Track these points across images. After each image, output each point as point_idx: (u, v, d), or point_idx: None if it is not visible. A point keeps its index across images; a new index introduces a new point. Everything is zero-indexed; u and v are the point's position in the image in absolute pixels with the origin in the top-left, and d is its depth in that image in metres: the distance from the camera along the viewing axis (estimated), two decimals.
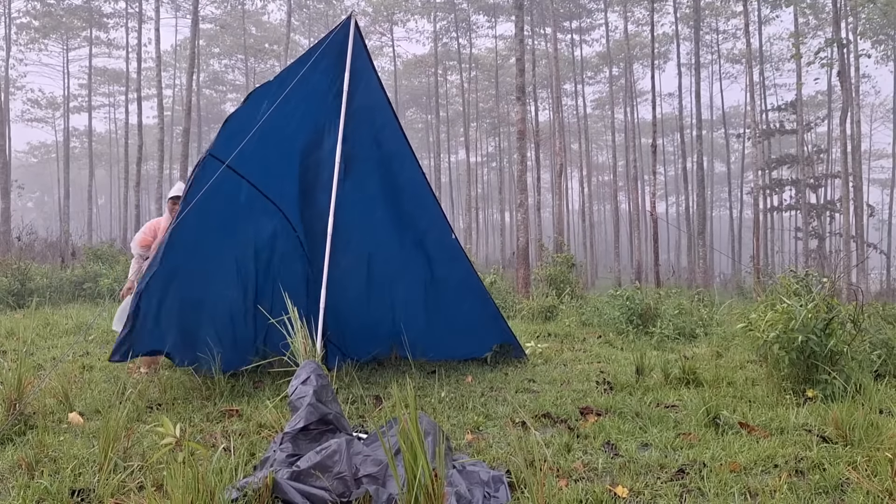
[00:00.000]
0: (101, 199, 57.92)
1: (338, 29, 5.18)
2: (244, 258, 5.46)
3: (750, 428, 4.07)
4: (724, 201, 50.23)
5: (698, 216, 26.27)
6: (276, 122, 4.96)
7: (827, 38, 23.13)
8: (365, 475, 2.97)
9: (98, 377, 5.51)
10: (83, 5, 35.46)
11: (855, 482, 3.11)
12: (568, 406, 4.75)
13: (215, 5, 38.98)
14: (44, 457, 3.46)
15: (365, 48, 5.33)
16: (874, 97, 43.78)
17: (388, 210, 5.87)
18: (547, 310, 10.74)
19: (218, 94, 52.41)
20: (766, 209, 31.78)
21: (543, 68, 39.33)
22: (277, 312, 4.43)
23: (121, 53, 38.49)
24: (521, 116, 14.88)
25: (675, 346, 7.92)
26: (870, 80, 38.53)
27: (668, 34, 35.73)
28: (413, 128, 56.94)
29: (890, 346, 5.58)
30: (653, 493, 3.11)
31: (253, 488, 2.75)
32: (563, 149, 28.77)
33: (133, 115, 37.83)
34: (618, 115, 42.73)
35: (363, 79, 5.33)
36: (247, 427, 4.14)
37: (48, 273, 13.39)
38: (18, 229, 20.64)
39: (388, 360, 6.52)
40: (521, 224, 14.68)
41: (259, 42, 42.64)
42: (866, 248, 24.47)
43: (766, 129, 30.35)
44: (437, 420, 4.29)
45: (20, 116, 48.06)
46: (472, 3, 38.74)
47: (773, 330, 5.04)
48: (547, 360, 6.78)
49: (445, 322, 6.25)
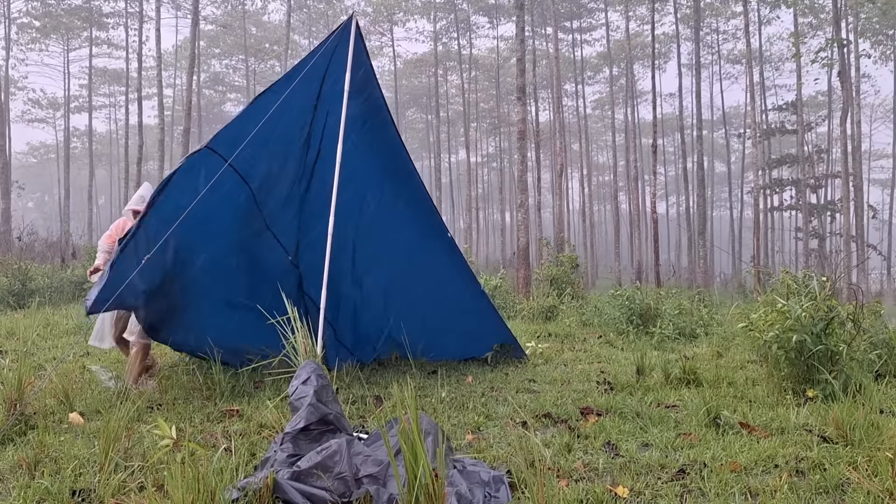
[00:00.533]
0: (101, 199, 57.89)
1: (338, 31, 5.10)
2: (224, 249, 5.33)
3: (750, 428, 4.07)
4: (725, 201, 50.25)
5: (699, 216, 26.28)
6: (276, 127, 4.92)
7: (827, 37, 23.14)
8: (365, 475, 2.97)
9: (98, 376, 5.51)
10: (83, 5, 35.47)
11: (855, 482, 3.11)
12: (568, 406, 4.75)
13: (215, 6, 38.99)
14: (44, 457, 3.46)
15: (365, 50, 5.26)
16: (874, 97, 43.82)
17: (386, 215, 5.88)
18: (547, 310, 10.74)
19: (218, 95, 52.42)
20: (767, 209, 31.78)
21: (544, 68, 39.32)
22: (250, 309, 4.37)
23: (121, 53, 38.51)
24: (522, 116, 14.89)
25: (676, 346, 7.92)
26: (870, 80, 38.56)
27: (669, 34, 35.73)
28: (413, 128, 56.96)
29: (890, 346, 5.58)
30: (653, 493, 3.11)
31: (253, 488, 2.76)
32: (563, 149, 28.77)
33: (133, 115, 37.91)
34: (618, 115, 42.73)
35: (364, 90, 5.28)
36: (247, 427, 4.14)
37: (49, 273, 13.39)
38: (19, 229, 20.65)
39: (388, 361, 6.52)
40: (521, 224, 14.68)
41: (259, 42, 42.65)
42: (866, 248, 24.47)
43: (767, 130, 30.36)
44: (438, 420, 4.29)
45: (21, 117, 48.10)
46: (473, 3, 38.74)
47: (772, 330, 5.05)
48: (547, 361, 6.78)
49: (445, 323, 6.26)
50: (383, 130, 5.59)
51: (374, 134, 5.59)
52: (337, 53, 5.12)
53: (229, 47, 43.57)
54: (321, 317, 4.71)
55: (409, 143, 59.60)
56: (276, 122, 4.88)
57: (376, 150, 5.67)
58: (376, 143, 5.64)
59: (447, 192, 46.32)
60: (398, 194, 5.82)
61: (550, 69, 33.66)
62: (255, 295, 5.26)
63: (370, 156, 5.64)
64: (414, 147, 61.00)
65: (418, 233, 5.94)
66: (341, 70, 5.08)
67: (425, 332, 6.21)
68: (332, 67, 5.18)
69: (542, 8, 34.41)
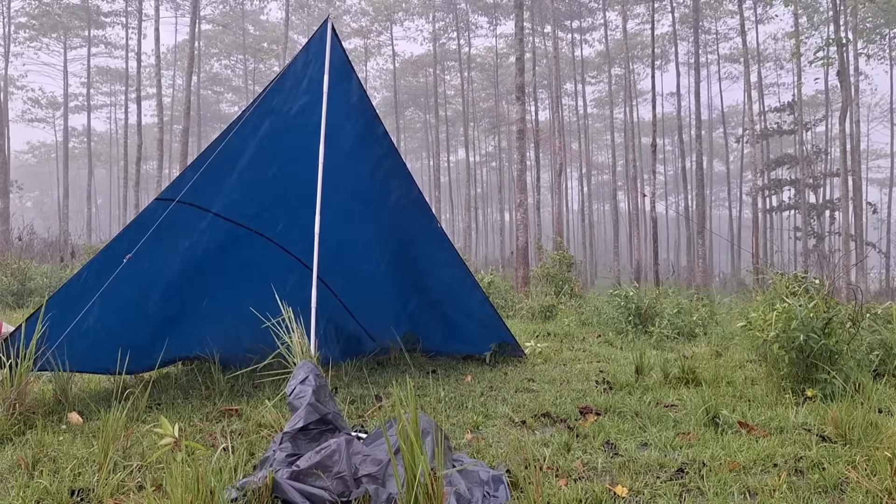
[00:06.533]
0: (99, 198, 57.86)
1: (315, 38, 4.94)
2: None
3: (749, 427, 4.07)
4: (724, 201, 50.30)
5: (698, 215, 26.30)
6: (252, 149, 4.90)
7: (825, 37, 23.17)
8: (364, 475, 2.97)
9: (98, 376, 5.51)
10: (81, 5, 35.44)
11: (854, 481, 3.11)
12: (567, 405, 4.75)
13: (214, 5, 38.96)
14: (43, 456, 3.46)
15: (344, 53, 5.12)
16: (871, 96, 43.85)
17: (382, 218, 5.91)
18: (546, 309, 10.75)
19: (215, 94, 52.37)
20: (766, 209, 31.80)
21: (544, 68, 39.33)
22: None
23: (120, 53, 38.50)
24: (521, 116, 14.90)
25: (675, 345, 7.92)
26: (868, 80, 38.60)
27: (668, 34, 35.75)
28: (412, 127, 56.95)
29: (888, 346, 5.58)
30: (652, 492, 3.11)
31: (253, 488, 2.75)
32: (562, 148, 28.78)
33: (132, 115, 37.88)
34: (617, 114, 42.74)
35: (341, 96, 5.15)
36: (246, 427, 4.13)
37: (48, 273, 13.38)
38: (18, 229, 20.63)
39: (387, 360, 6.53)
40: (520, 223, 14.69)
41: (258, 41, 42.63)
42: (865, 247, 24.49)
43: (765, 130, 30.37)
44: (437, 419, 4.29)
45: (21, 116, 48.08)
46: (472, 2, 38.73)
47: (773, 329, 5.05)
48: (546, 360, 6.78)
49: (444, 319, 6.31)
50: (377, 129, 5.57)
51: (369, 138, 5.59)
52: (311, 68, 4.95)
53: (227, 47, 43.53)
54: (313, 319, 4.66)
55: (409, 142, 59.66)
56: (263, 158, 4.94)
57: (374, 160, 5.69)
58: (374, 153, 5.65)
59: (446, 192, 46.32)
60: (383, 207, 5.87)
61: (550, 68, 33.68)
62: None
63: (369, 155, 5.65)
64: (413, 146, 61.04)
65: (414, 237, 5.99)
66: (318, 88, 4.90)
67: (425, 328, 6.27)
68: (305, 85, 4.99)
69: (541, 7, 34.42)
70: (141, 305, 5.01)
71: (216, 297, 5.42)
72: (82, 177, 46.96)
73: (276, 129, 5.03)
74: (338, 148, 5.16)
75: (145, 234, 4.36)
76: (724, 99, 43.32)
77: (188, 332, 5.45)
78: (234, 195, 5.12)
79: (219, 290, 5.45)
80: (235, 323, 5.22)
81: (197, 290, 5.33)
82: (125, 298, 4.73)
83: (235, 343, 5.45)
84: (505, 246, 37.58)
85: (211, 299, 5.41)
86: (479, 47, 45.85)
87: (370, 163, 5.64)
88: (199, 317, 5.43)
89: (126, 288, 4.54)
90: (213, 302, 5.41)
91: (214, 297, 5.42)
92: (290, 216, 5.50)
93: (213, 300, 5.41)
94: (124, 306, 4.81)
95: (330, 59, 4.92)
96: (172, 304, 5.20)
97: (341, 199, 5.34)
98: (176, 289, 5.14)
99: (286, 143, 5.18)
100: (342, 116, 5.20)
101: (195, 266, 5.18)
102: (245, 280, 5.48)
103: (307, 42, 5.01)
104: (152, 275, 4.87)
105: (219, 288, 5.46)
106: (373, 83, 52.02)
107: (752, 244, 21.90)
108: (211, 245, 5.21)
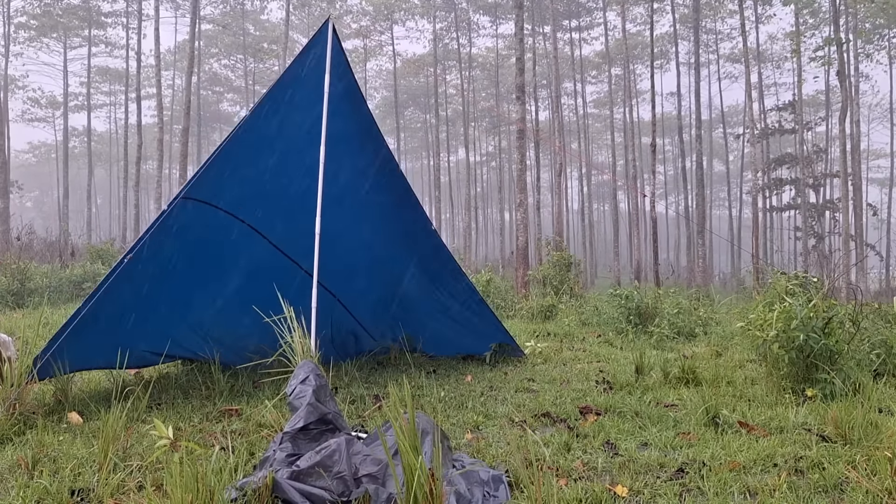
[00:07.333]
0: (99, 198, 57.84)
1: (315, 38, 4.94)
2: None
3: (749, 427, 4.07)
4: (724, 201, 50.28)
5: (698, 215, 26.29)
6: (257, 149, 4.97)
7: (825, 36, 23.17)
8: (364, 475, 2.97)
9: (98, 376, 5.51)
10: (81, 5, 35.43)
11: (854, 481, 3.11)
12: (567, 405, 4.75)
13: (214, 4, 38.95)
14: (43, 456, 3.46)
15: (343, 54, 5.13)
16: (871, 97, 43.84)
17: (381, 222, 5.94)
18: (546, 309, 10.75)
19: (215, 94, 52.36)
20: (766, 209, 31.79)
21: (544, 68, 39.33)
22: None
23: (121, 53, 38.51)
24: (521, 116, 14.90)
25: (675, 345, 7.92)
26: (869, 80, 38.58)
27: (668, 34, 35.74)
28: (412, 127, 56.94)
29: (888, 346, 5.58)
30: (652, 492, 3.11)
31: (253, 488, 2.75)
32: (562, 148, 28.79)
33: (132, 115, 37.89)
34: (617, 114, 42.73)
35: (344, 102, 5.17)
36: (246, 426, 4.14)
37: (48, 273, 13.39)
38: (18, 229, 20.62)
39: (387, 360, 6.53)
40: (520, 223, 14.68)
41: (258, 41, 42.61)
42: (865, 247, 24.49)
43: (765, 129, 30.37)
44: (437, 419, 4.28)
45: (21, 116, 48.04)
46: (472, 2, 38.73)
47: (773, 329, 5.05)
48: (546, 360, 6.78)
49: (443, 319, 6.31)
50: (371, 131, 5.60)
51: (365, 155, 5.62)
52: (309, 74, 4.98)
53: (227, 47, 43.52)
54: (314, 318, 4.66)
55: (409, 142, 59.69)
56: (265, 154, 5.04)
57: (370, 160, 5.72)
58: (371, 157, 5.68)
59: (446, 192, 46.30)
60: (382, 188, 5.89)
61: (550, 68, 33.68)
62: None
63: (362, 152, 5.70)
64: (413, 146, 61.04)
65: (412, 238, 6.00)
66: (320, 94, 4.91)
67: (424, 328, 6.28)
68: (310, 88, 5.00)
69: (541, 7, 34.41)
70: (165, 303, 5.23)
71: (226, 297, 5.52)
72: (82, 177, 46.95)
73: (276, 129, 5.05)
74: (336, 147, 5.17)
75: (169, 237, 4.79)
76: (724, 99, 43.36)
77: (197, 331, 5.56)
78: (235, 191, 5.19)
79: (226, 289, 5.51)
80: (241, 321, 5.34)
81: (210, 289, 5.45)
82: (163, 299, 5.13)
83: (240, 342, 5.48)
84: (505, 246, 37.56)
85: (223, 299, 5.51)
86: (481, 47, 45.93)
87: (365, 160, 5.69)
88: (210, 314, 5.54)
89: (161, 288, 4.95)
90: (223, 301, 5.53)
91: (225, 297, 5.52)
92: (289, 217, 5.52)
93: (224, 300, 5.52)
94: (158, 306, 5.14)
95: (330, 60, 4.94)
96: (194, 303, 5.42)
97: (337, 195, 5.36)
98: (197, 288, 5.36)
99: (286, 143, 5.20)
100: (339, 114, 5.23)
101: (214, 264, 5.37)
102: (251, 280, 5.53)
103: (308, 42, 5.03)
104: (176, 270, 5.10)
105: (226, 287, 5.51)
106: (373, 83, 52.04)
107: (752, 244, 21.89)
108: (225, 244, 5.36)
